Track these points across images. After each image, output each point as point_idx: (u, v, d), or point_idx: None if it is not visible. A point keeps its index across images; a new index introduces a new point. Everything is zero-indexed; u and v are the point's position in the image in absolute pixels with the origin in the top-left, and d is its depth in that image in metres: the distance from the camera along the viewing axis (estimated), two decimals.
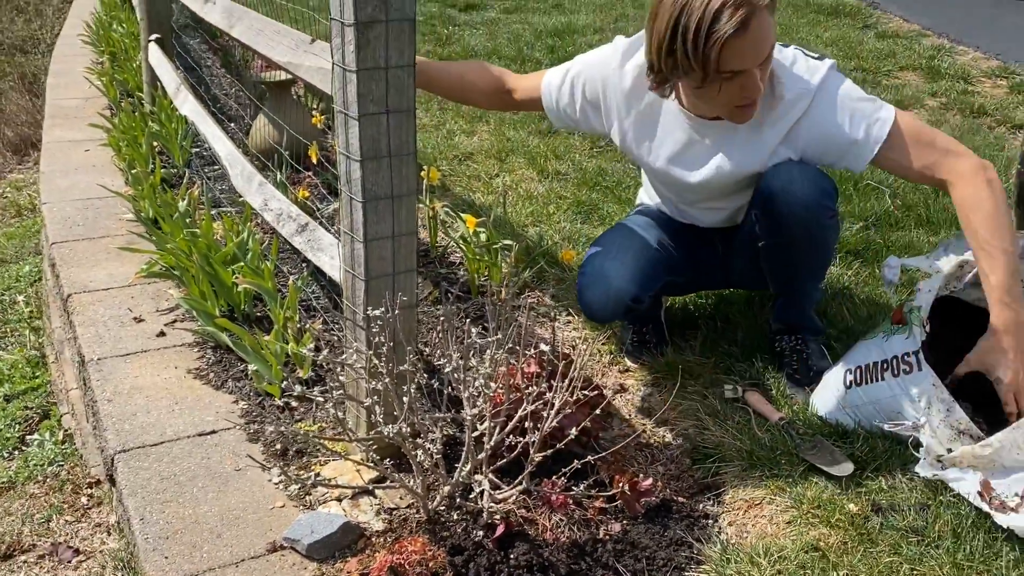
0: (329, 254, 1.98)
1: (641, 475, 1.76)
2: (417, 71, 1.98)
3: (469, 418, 1.57)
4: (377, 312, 1.67)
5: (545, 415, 1.55)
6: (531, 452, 1.57)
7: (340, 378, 1.71)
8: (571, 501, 1.71)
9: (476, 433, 1.55)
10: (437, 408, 1.75)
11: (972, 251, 1.72)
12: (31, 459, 2.74)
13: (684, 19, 1.62)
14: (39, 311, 4.07)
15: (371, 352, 1.65)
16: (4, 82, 10.83)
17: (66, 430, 2.89)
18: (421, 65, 2.02)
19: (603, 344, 2.26)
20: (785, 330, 2.09)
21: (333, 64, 1.64)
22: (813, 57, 1.86)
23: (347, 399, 1.76)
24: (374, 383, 1.60)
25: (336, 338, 2.31)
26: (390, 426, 1.50)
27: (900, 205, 2.79)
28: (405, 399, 1.57)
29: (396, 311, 1.70)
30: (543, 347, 1.50)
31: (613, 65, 1.94)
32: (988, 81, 4.31)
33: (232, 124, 4.00)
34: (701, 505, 1.75)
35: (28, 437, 2.96)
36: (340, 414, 1.54)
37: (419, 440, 1.64)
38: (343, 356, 1.72)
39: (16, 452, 2.90)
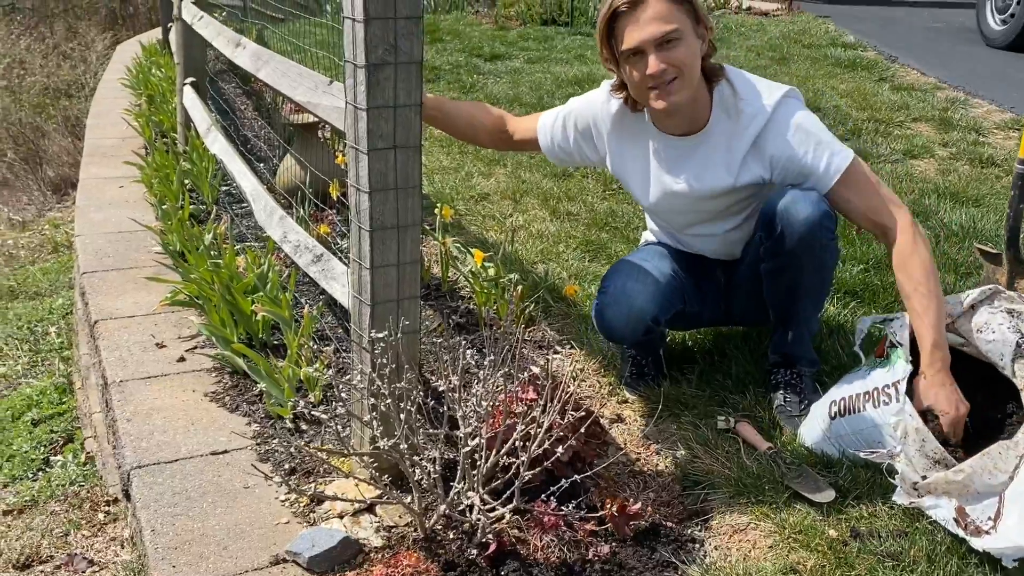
0: (341, 282, 2.08)
1: (631, 500, 1.82)
2: (435, 106, 2.17)
3: (463, 436, 1.64)
4: (381, 335, 1.76)
5: (534, 434, 1.62)
6: (521, 470, 1.64)
7: (343, 395, 1.80)
8: (562, 523, 1.77)
9: (468, 449, 1.63)
10: (437, 437, 1.83)
11: (905, 293, 1.85)
12: (54, 479, 2.85)
13: (603, 5, 1.92)
14: (69, 342, 4.22)
15: (374, 373, 1.74)
16: (48, 124, 11.22)
17: (88, 452, 3.00)
18: (438, 101, 2.22)
19: (603, 376, 2.33)
20: (782, 363, 2.16)
21: (346, 103, 1.76)
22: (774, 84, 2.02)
23: (349, 416, 1.85)
24: (375, 401, 1.68)
25: (345, 363, 2.41)
26: (385, 440, 1.58)
27: None
28: (402, 416, 1.65)
29: (400, 335, 1.79)
30: (535, 369, 1.57)
31: (601, 100, 2.13)
32: (1000, 133, 4.37)
33: (261, 164, 4.16)
34: (689, 530, 1.80)
35: (52, 458, 3.07)
36: (341, 428, 1.63)
37: (416, 459, 1.72)
38: (347, 377, 1.82)
39: (40, 473, 3.01)
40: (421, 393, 1.74)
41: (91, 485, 2.71)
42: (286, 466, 2.09)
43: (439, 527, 1.81)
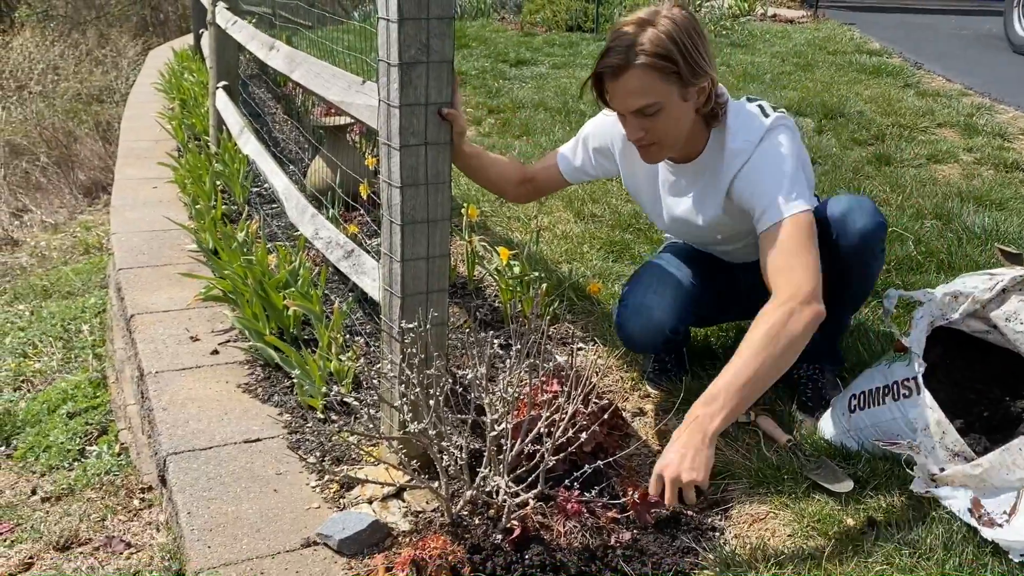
0: (371, 276, 2.14)
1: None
2: (475, 153, 2.17)
3: (489, 422, 1.70)
4: (411, 326, 1.82)
5: (558, 421, 1.67)
6: (546, 455, 1.69)
7: (373, 382, 1.85)
8: (585, 510, 1.82)
9: (494, 435, 1.68)
10: (464, 423, 1.88)
11: (737, 350, 1.71)
12: (89, 468, 2.93)
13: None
14: (102, 339, 4.32)
15: (403, 363, 1.80)
16: (80, 129, 11.43)
17: (123, 443, 3.08)
18: (478, 149, 2.20)
19: (626, 372, 2.38)
20: (805, 358, 2.18)
21: (379, 101, 1.82)
22: (767, 113, 1.91)
23: (380, 401, 1.90)
24: (403, 388, 1.74)
25: (375, 355, 2.47)
26: (415, 423, 1.63)
27: (923, 251, 2.88)
28: (431, 403, 1.71)
29: (428, 326, 1.85)
30: (559, 359, 1.62)
31: (612, 120, 2.12)
32: None
33: (292, 167, 4.24)
34: (709, 519, 1.84)
35: (87, 449, 3.16)
36: (374, 412, 1.68)
37: (444, 444, 1.77)
38: (377, 366, 1.87)
39: (76, 463, 3.10)
40: (449, 382, 1.80)
41: (125, 474, 2.78)
42: (317, 454, 2.15)
43: (465, 513, 1.86)
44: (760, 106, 1.95)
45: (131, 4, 15.77)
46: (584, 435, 1.66)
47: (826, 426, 1.99)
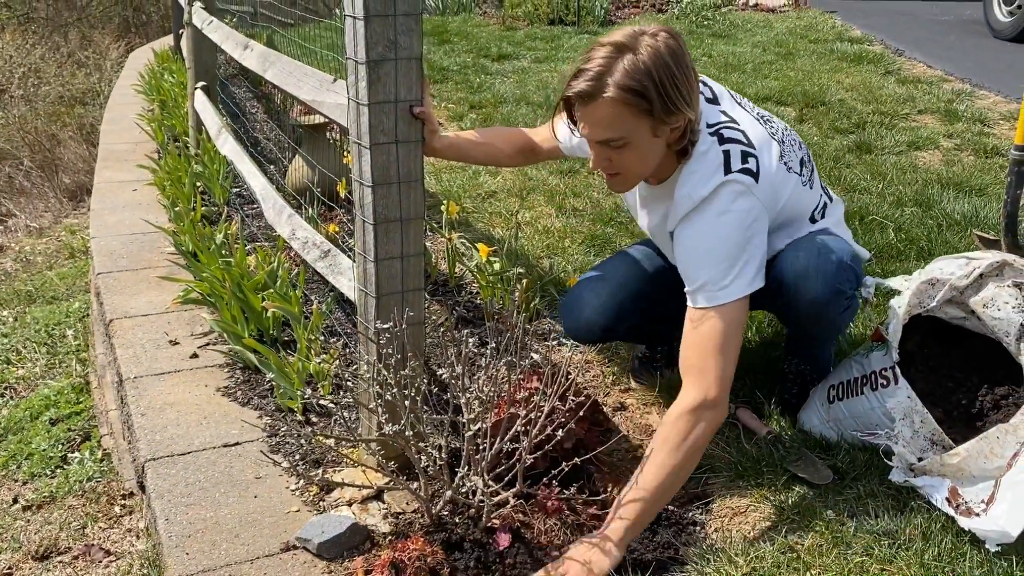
0: (347, 277, 2.13)
1: None
2: (448, 144, 2.06)
3: (467, 421, 1.68)
4: (386, 326, 1.80)
5: (535, 418, 1.66)
6: (524, 454, 1.68)
7: (349, 383, 1.84)
8: (565, 507, 1.81)
9: (471, 434, 1.67)
10: (442, 423, 1.87)
11: (642, 460, 1.69)
12: (71, 476, 2.90)
13: (578, 60, 1.74)
14: (86, 344, 4.29)
15: (380, 364, 1.79)
16: (64, 132, 11.34)
17: (105, 449, 3.05)
18: (452, 139, 2.08)
19: (607, 367, 2.37)
20: (797, 353, 2.15)
21: (348, 99, 1.81)
22: (729, 168, 1.73)
23: (357, 404, 1.89)
24: (379, 389, 1.73)
25: (354, 356, 2.45)
26: (391, 425, 1.62)
27: (903, 238, 2.88)
28: (407, 403, 1.69)
29: (404, 326, 1.84)
30: (535, 356, 1.61)
31: None
32: (1005, 124, 4.37)
33: (271, 167, 4.22)
34: (690, 513, 1.84)
35: (70, 455, 3.13)
36: (349, 417, 1.67)
37: (422, 445, 1.76)
38: (354, 367, 1.86)
39: (58, 470, 3.07)
40: (426, 381, 1.78)
41: (108, 480, 2.76)
42: (296, 457, 2.13)
43: (445, 513, 1.85)
44: (727, 152, 1.74)
45: (113, 5, 15.67)
46: (561, 432, 1.65)
47: (805, 417, 1.98)
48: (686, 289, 1.75)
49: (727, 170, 1.71)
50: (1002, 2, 6.72)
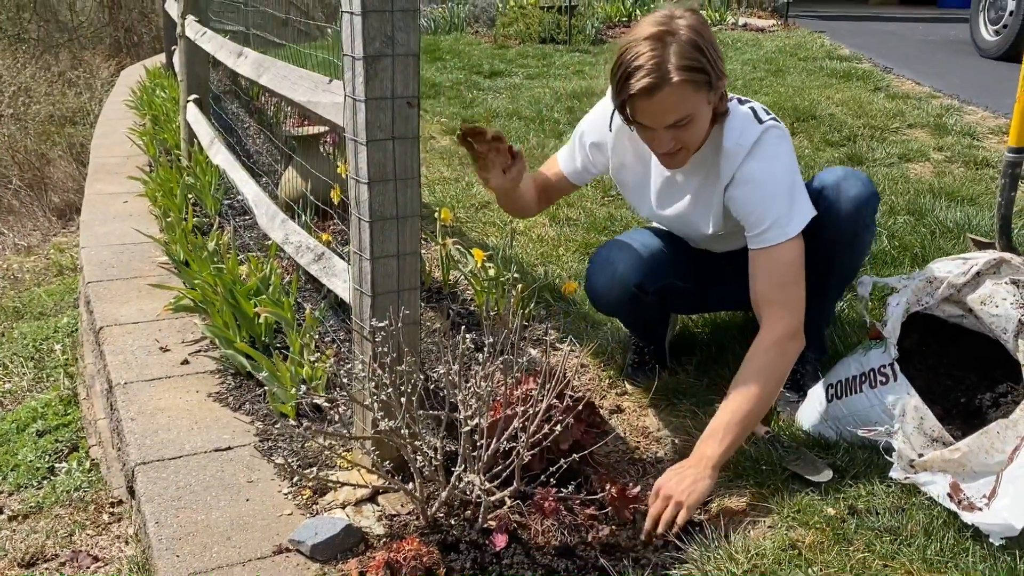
0: (341, 278, 2.11)
1: (631, 484, 1.83)
2: (526, 191, 2.15)
3: (463, 418, 1.66)
4: (382, 324, 1.78)
5: (532, 413, 1.64)
6: (522, 451, 1.66)
7: (344, 380, 1.81)
8: (563, 507, 1.79)
9: (468, 430, 1.65)
10: (438, 423, 1.84)
11: (734, 379, 1.80)
12: (58, 486, 2.86)
13: (618, 64, 1.81)
14: (74, 358, 4.25)
15: (375, 364, 1.77)
16: (53, 151, 11.31)
17: (93, 459, 3.01)
18: (531, 179, 2.18)
19: (602, 370, 2.35)
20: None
21: (345, 96, 1.80)
22: (759, 118, 1.91)
23: (352, 401, 1.87)
24: (374, 387, 1.71)
25: (348, 360, 2.43)
26: (387, 420, 1.60)
27: (897, 245, 2.88)
28: (403, 400, 1.67)
29: (400, 325, 1.82)
30: (532, 352, 1.59)
31: (608, 108, 2.10)
32: (994, 137, 4.40)
33: (265, 178, 4.20)
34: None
35: (57, 466, 3.09)
36: (343, 416, 1.65)
37: (418, 443, 1.74)
38: (349, 366, 1.84)
39: (45, 481, 3.02)
40: (422, 379, 1.76)
41: (96, 490, 2.72)
42: (289, 460, 2.10)
43: (441, 515, 1.82)
44: (752, 108, 1.93)
45: (104, 26, 15.70)
46: (559, 428, 1.63)
47: (804, 416, 1.97)
48: (751, 233, 1.87)
49: (759, 120, 1.90)
50: (988, 21, 6.80)
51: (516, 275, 2.60)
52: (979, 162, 3.92)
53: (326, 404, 1.79)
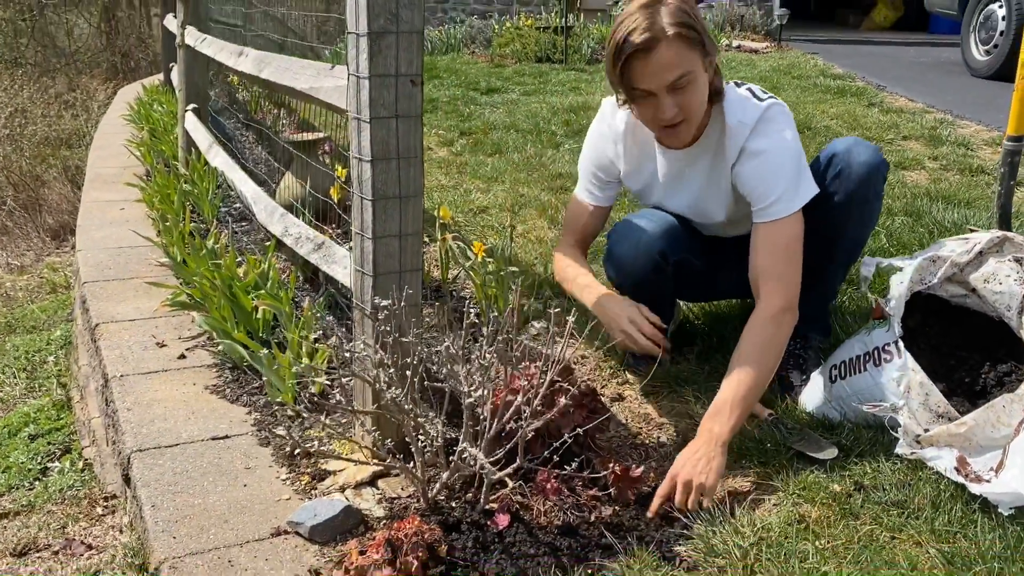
0: (342, 264, 2.10)
1: (634, 464, 1.81)
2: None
3: (466, 391, 1.65)
4: (385, 303, 1.77)
5: (536, 386, 1.63)
6: (525, 427, 1.65)
7: (346, 355, 1.80)
8: (565, 488, 1.77)
9: (471, 401, 1.63)
10: (440, 402, 1.83)
11: (735, 353, 1.83)
12: (51, 485, 2.82)
13: (613, 36, 1.86)
14: (67, 368, 4.21)
15: (376, 340, 1.75)
16: (48, 173, 11.31)
17: (86, 459, 2.97)
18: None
19: (604, 361, 2.34)
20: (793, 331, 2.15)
21: (348, 75, 1.80)
22: (759, 97, 1.96)
23: (352, 385, 1.85)
24: (377, 363, 1.69)
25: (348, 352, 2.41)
26: (390, 390, 1.58)
27: (895, 243, 2.89)
28: (408, 372, 1.66)
29: (402, 304, 1.81)
30: (533, 329, 1.58)
31: (608, 119, 2.14)
32: (988, 148, 4.44)
33: (263, 188, 4.20)
34: None
35: (49, 467, 3.05)
36: (344, 388, 1.63)
37: (420, 420, 1.72)
38: (350, 344, 1.82)
39: (37, 481, 2.98)
40: (425, 351, 1.75)
41: (89, 487, 2.68)
42: (287, 449, 2.08)
43: (442, 497, 1.80)
44: (750, 89, 1.98)
45: (101, 51, 15.79)
46: (563, 399, 1.62)
47: (807, 399, 1.96)
48: (758, 207, 1.90)
49: (759, 99, 1.94)
50: (979, 41, 6.88)
51: (515, 268, 2.60)
52: (974, 169, 3.95)
53: (326, 383, 1.77)
